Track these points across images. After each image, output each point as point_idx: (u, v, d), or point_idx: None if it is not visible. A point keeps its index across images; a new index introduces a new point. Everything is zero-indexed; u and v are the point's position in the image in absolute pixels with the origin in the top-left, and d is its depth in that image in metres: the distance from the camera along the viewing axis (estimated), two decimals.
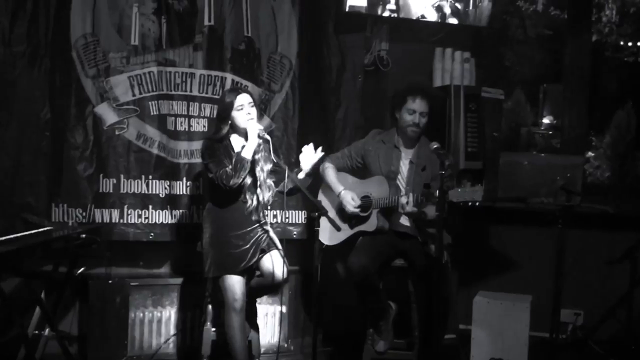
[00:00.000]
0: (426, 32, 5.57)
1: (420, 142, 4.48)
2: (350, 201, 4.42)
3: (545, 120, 8.60)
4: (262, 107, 4.97)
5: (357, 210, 4.42)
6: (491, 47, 6.21)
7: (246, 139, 4.11)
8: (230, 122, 4.14)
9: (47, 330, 3.97)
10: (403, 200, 4.19)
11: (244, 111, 4.12)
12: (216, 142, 4.16)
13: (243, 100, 4.13)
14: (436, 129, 4.90)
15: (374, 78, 5.47)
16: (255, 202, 4.21)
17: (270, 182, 4.27)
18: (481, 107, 5.26)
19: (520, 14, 9.54)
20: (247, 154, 4.05)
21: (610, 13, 9.59)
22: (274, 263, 4.13)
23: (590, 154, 6.26)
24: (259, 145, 4.14)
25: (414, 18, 5.39)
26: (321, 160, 4.34)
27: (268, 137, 4.12)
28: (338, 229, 4.21)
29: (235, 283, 4.03)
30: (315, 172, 4.61)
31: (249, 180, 4.18)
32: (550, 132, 7.84)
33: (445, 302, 4.27)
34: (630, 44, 9.83)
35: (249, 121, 4.11)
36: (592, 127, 6.32)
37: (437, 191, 3.78)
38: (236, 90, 4.28)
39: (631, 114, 6.51)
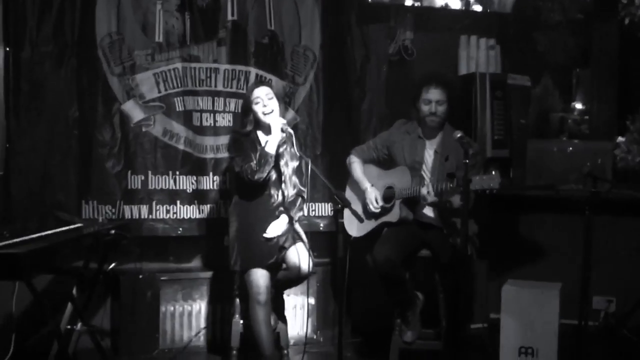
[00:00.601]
0: (450, 20, 5.53)
1: (445, 131, 4.46)
2: (373, 202, 4.44)
3: (577, 106, 8.48)
4: (286, 100, 4.99)
5: (378, 211, 4.43)
6: (517, 33, 6.13)
7: (269, 133, 4.14)
8: (252, 116, 4.16)
9: (79, 325, 4.03)
10: (424, 191, 4.18)
11: (261, 104, 4.14)
12: (243, 136, 4.19)
13: (260, 93, 4.15)
14: (462, 117, 4.89)
15: (398, 68, 5.44)
16: (280, 197, 4.24)
17: (295, 178, 4.29)
18: (507, 94, 5.22)
19: None
20: (270, 149, 4.08)
21: None
22: (300, 256, 4.15)
23: (620, 138, 6.15)
24: (282, 139, 4.16)
25: (438, 6, 5.37)
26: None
27: (291, 131, 4.14)
28: (361, 220, 4.22)
29: (260, 277, 4.06)
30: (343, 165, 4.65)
31: (274, 175, 4.21)
32: (583, 118, 7.72)
33: (469, 293, 4.24)
34: None
35: (269, 115, 4.13)
36: (624, 111, 6.20)
37: (460, 180, 3.76)
38: (255, 83, 4.32)
39: None
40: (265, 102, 4.14)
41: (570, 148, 5.42)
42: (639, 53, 6.26)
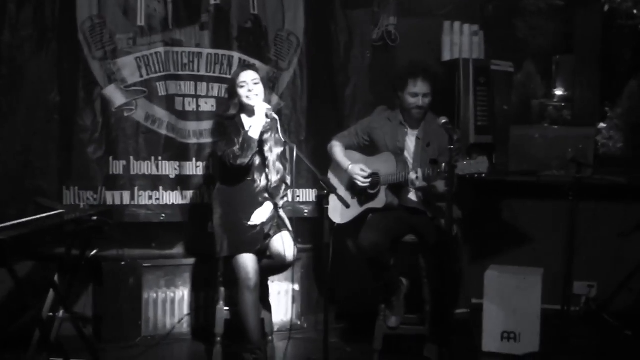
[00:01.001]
0: (434, 6, 5.53)
1: (427, 119, 4.46)
2: (360, 172, 4.41)
3: (558, 92, 8.50)
4: (270, 85, 4.95)
5: (368, 181, 4.41)
6: (500, 19, 6.14)
7: (253, 117, 4.11)
8: (237, 99, 4.13)
9: (61, 312, 3.99)
10: (412, 176, 4.18)
11: (246, 88, 4.11)
12: (226, 120, 4.17)
13: (246, 77, 4.13)
14: (444, 103, 4.88)
15: (382, 53, 5.42)
16: (264, 182, 4.22)
17: (279, 164, 4.27)
18: (491, 80, 5.23)
19: None
20: (254, 134, 4.05)
21: None
22: (285, 244, 4.13)
23: (602, 125, 6.19)
24: (267, 124, 4.13)
25: None
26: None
27: (276, 116, 4.11)
28: (347, 206, 4.20)
29: (248, 261, 4.03)
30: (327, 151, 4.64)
31: (257, 160, 4.19)
32: (563, 104, 7.74)
33: (457, 277, 4.25)
34: None
35: (254, 99, 4.10)
36: (606, 97, 6.24)
37: (446, 165, 3.77)
38: (242, 67, 4.29)
39: None
40: (251, 86, 4.11)
41: (553, 134, 5.44)
42: (620, 39, 6.31)
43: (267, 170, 4.22)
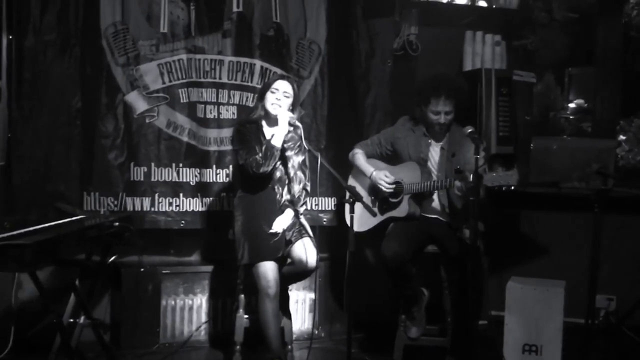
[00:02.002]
0: (456, 16, 5.52)
1: (451, 129, 4.43)
2: (384, 178, 4.39)
3: (572, 105, 8.49)
4: (297, 98, 4.92)
5: (392, 187, 4.38)
6: (522, 30, 6.13)
7: (275, 125, 4.12)
8: (263, 103, 4.13)
9: (82, 318, 3.98)
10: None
11: (275, 95, 4.12)
12: (248, 125, 4.16)
13: (280, 86, 4.14)
14: (467, 113, 4.85)
15: (403, 63, 5.43)
16: (286, 195, 4.22)
17: (300, 174, 4.26)
18: (513, 90, 5.20)
19: None
20: (276, 142, 4.05)
21: None
22: (307, 250, 4.12)
23: (622, 137, 6.16)
24: (291, 137, 4.14)
25: (444, 1, 5.35)
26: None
27: (299, 124, 4.11)
28: (374, 214, 4.20)
29: (269, 270, 4.02)
30: (347, 159, 4.63)
31: (279, 173, 4.19)
32: (574, 117, 7.73)
33: (480, 289, 4.22)
34: None
35: (278, 109, 4.11)
36: (628, 110, 6.22)
37: (472, 175, 3.74)
38: (282, 76, 4.29)
39: None
40: (280, 95, 4.13)
41: (574, 146, 5.40)
42: (635, 51, 6.29)
43: (289, 182, 4.21)
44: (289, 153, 4.21)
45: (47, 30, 4.49)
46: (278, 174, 4.20)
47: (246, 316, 4.31)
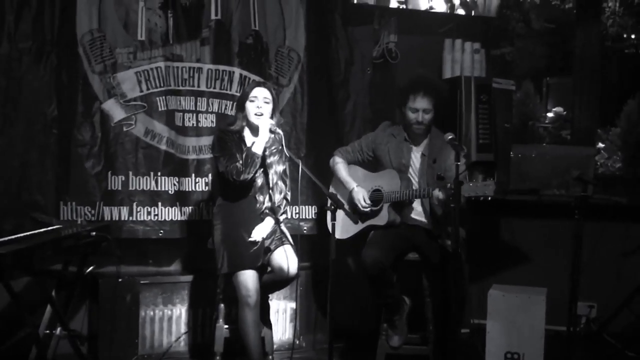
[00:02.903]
0: (435, 24, 5.52)
1: (432, 134, 4.43)
2: (361, 201, 4.38)
3: (550, 114, 8.57)
4: (276, 103, 4.91)
5: (367, 210, 4.37)
6: (501, 40, 6.16)
7: (256, 134, 4.08)
8: (244, 113, 4.10)
9: (58, 330, 3.92)
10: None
11: (255, 104, 4.10)
12: (229, 134, 4.12)
13: (258, 93, 4.11)
14: (447, 121, 4.86)
15: (382, 71, 5.42)
16: (267, 203, 4.19)
17: (281, 183, 4.24)
18: (492, 98, 5.21)
19: (523, 7, 9.49)
20: (257, 149, 4.03)
21: (613, 4, 9.55)
22: (287, 258, 4.08)
23: (600, 145, 6.21)
24: (271, 142, 4.11)
25: (423, 9, 5.33)
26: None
27: (280, 132, 4.08)
28: (355, 221, 4.17)
29: (249, 278, 3.97)
30: (327, 167, 4.61)
31: (260, 181, 4.15)
32: (553, 125, 7.78)
33: (462, 297, 4.20)
34: (633, 36, 9.79)
35: (258, 117, 4.07)
36: (604, 118, 6.28)
37: (452, 183, 3.73)
38: (258, 83, 4.26)
39: None
40: (261, 103, 4.10)
41: (553, 153, 5.43)
42: (610, 61, 6.35)
43: (270, 190, 4.18)
44: (270, 160, 4.18)
45: (22, 37, 4.42)
46: (259, 181, 4.16)
47: (226, 326, 4.27)
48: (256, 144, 4.04)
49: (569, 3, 9.22)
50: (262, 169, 4.16)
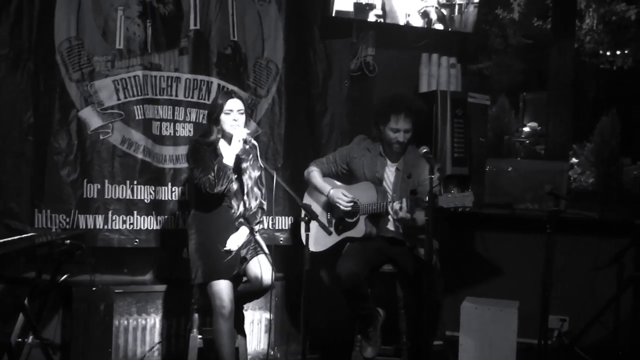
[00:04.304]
0: (412, 38, 5.57)
1: (407, 149, 4.46)
2: (342, 197, 4.38)
3: (526, 128, 8.65)
4: (248, 112, 4.92)
5: (350, 205, 4.38)
6: (478, 55, 6.24)
7: (231, 144, 4.10)
8: (220, 126, 4.11)
9: (30, 338, 3.89)
10: (396, 206, 4.14)
11: (231, 116, 4.11)
12: (204, 145, 4.13)
13: (232, 105, 4.12)
14: (422, 134, 4.89)
15: (360, 83, 5.47)
16: (242, 209, 4.19)
17: (257, 190, 4.25)
18: (468, 112, 5.26)
19: (500, 22, 9.62)
20: (229, 161, 4.04)
21: (591, 21, 9.71)
22: (262, 267, 4.09)
23: (574, 160, 6.29)
24: (246, 151, 4.12)
25: (401, 24, 5.38)
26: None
27: (255, 142, 4.09)
28: (329, 232, 4.19)
29: (223, 289, 3.97)
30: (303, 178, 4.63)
31: (235, 186, 4.16)
32: (528, 140, 7.87)
33: (436, 307, 4.23)
34: (609, 53, 9.96)
35: (235, 128, 4.08)
36: (577, 133, 6.36)
37: (426, 196, 3.77)
38: (229, 93, 4.26)
39: (615, 120, 6.55)
40: (236, 115, 4.12)
41: (527, 168, 5.49)
42: (586, 76, 6.45)
43: (245, 197, 4.19)
44: (244, 165, 4.19)
45: None
46: (234, 186, 4.16)
47: (200, 336, 4.25)
48: (228, 155, 4.06)
49: (548, 24, 9.37)
50: (236, 175, 4.16)
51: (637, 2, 9.65)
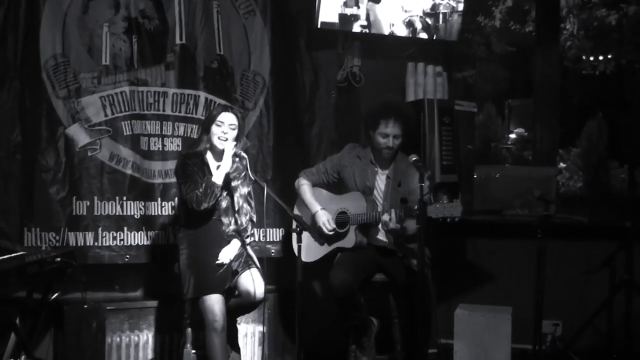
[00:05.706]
0: (398, 48, 5.59)
1: (397, 158, 4.48)
2: (326, 224, 4.41)
3: (512, 135, 8.70)
4: (242, 130, 4.92)
5: (332, 233, 4.40)
6: (462, 64, 6.26)
7: (220, 158, 4.10)
8: (209, 136, 4.10)
9: (23, 358, 3.85)
10: (385, 217, 4.16)
11: (222, 128, 4.11)
12: (192, 158, 4.13)
13: (225, 118, 4.13)
14: (410, 143, 4.91)
15: (347, 94, 5.47)
16: (233, 226, 4.18)
17: (246, 205, 4.25)
18: (455, 120, 5.27)
19: (482, 31, 9.69)
20: (217, 179, 4.04)
21: (572, 27, 9.78)
22: (254, 280, 4.09)
23: (562, 165, 6.31)
24: (237, 168, 4.12)
25: (386, 34, 5.40)
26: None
27: (244, 155, 4.10)
28: (322, 244, 4.19)
29: (215, 303, 3.97)
30: (293, 190, 4.62)
31: (225, 203, 4.16)
32: (515, 146, 7.91)
33: (429, 317, 4.23)
34: (592, 58, 10.03)
35: (224, 143, 4.09)
36: (565, 138, 6.39)
37: (417, 204, 3.78)
38: (226, 107, 4.28)
39: (602, 125, 6.59)
40: (226, 129, 4.13)
41: (516, 174, 5.50)
42: (569, 82, 6.50)
43: (236, 213, 4.19)
44: (235, 183, 4.19)
45: None
46: (224, 204, 4.17)
47: (194, 351, 4.24)
48: (217, 173, 4.07)
49: (529, 26, 9.43)
50: (226, 192, 4.16)
51: (617, 7, 9.74)
